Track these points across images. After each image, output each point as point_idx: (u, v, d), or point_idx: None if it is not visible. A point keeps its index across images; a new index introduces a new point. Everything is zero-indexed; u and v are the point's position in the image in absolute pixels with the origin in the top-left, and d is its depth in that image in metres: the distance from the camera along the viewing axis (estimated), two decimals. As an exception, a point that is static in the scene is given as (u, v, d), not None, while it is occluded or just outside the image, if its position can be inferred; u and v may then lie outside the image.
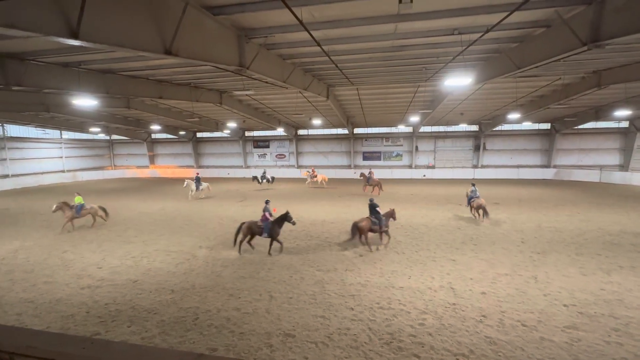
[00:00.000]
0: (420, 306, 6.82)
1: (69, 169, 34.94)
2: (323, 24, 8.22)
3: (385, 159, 33.88)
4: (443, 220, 14.40)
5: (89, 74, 12.19)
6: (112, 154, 40.64)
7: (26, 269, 9.38)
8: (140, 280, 8.43)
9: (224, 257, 10.06)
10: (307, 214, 15.87)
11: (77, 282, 8.37)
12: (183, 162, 38.55)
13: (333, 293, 7.50)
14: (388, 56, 11.79)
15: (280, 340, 5.75)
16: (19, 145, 30.65)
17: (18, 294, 7.82)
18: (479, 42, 8.76)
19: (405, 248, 10.59)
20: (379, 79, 15.82)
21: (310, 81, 14.81)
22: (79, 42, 3.83)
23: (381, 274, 8.56)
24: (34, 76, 10.41)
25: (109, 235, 12.75)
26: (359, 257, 9.79)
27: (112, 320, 6.52)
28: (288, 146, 35.55)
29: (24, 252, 10.96)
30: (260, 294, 7.52)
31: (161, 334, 6.00)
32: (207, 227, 13.83)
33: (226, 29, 7.81)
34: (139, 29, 4.86)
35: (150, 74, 13.63)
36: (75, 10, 3.60)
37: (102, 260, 9.92)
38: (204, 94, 17.76)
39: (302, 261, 9.56)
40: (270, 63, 10.62)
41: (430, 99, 21.20)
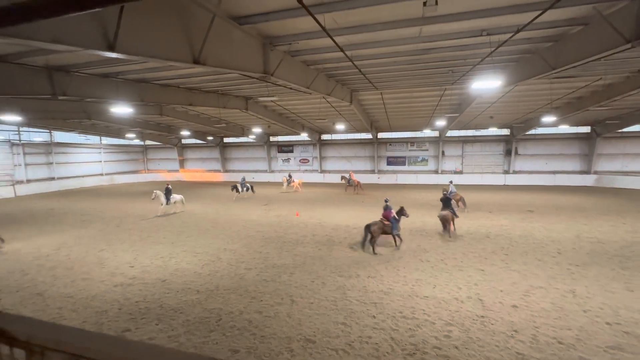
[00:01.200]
0: (445, 317, 6.56)
1: (107, 172, 37.22)
2: (346, 30, 8.25)
3: (410, 164, 33.19)
4: (471, 227, 13.84)
5: (126, 84, 13.02)
6: (145, 158, 42.85)
7: (67, 266, 10.04)
8: (168, 279, 8.77)
9: (247, 259, 10.24)
10: (330, 219, 15.83)
11: (111, 280, 8.85)
12: (210, 166, 39.87)
13: (355, 300, 7.40)
14: (413, 60, 11.61)
15: (301, 345, 5.74)
16: (63, 150, 33.11)
17: (59, 289, 8.38)
18: (509, 42, 8.42)
19: (430, 256, 10.26)
20: (403, 83, 15.59)
21: (334, 86, 14.88)
22: (116, 55, 4.14)
23: (405, 282, 8.34)
24: (77, 86, 11.28)
25: (140, 236, 13.40)
26: (382, 264, 9.61)
27: (141, 318, 6.81)
28: (312, 151, 35.80)
29: (66, 249, 11.76)
30: (282, 298, 7.57)
31: (186, 333, 6.19)
32: (232, 229, 14.17)
33: (251, 38, 8.06)
34: (170, 41, 5.16)
35: (181, 82, 14.31)
36: (113, 25, 3.92)
37: (134, 260, 10.42)
38: (231, 100, 18.34)
39: (324, 266, 9.53)
40: (294, 69, 10.79)
41: (457, 102, 20.58)
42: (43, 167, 31.21)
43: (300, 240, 12.31)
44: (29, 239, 13.26)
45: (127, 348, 0.97)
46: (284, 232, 13.60)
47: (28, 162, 29.84)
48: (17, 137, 29.17)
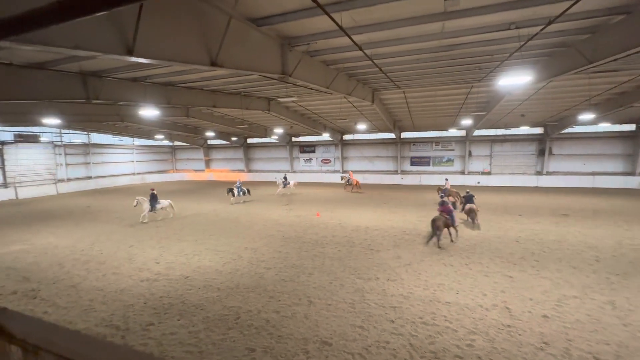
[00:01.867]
0: (468, 325, 6.27)
1: (138, 172, 39.13)
2: (365, 28, 8.10)
3: (434, 164, 32.25)
4: (499, 231, 13.19)
5: (153, 87, 13.61)
6: (174, 158, 44.63)
7: (99, 260, 10.62)
8: (191, 276, 9.02)
9: (267, 259, 10.34)
10: (351, 220, 15.69)
11: (138, 275, 9.24)
12: (235, 166, 40.83)
13: (373, 303, 7.26)
14: (436, 57, 11.23)
15: (317, 347, 5.69)
16: (99, 151, 35.19)
17: (91, 282, 8.86)
18: (540, 35, 7.91)
19: (454, 260, 9.88)
20: (427, 81, 15.15)
21: (355, 86, 14.72)
22: (134, 59, 4.32)
23: (426, 286, 8.07)
24: (109, 90, 11.95)
25: (166, 233, 13.92)
26: (402, 267, 9.37)
27: (164, 313, 7.05)
28: (333, 151, 35.72)
29: (99, 245, 12.44)
30: (300, 299, 7.56)
31: (206, 330, 6.32)
32: (253, 229, 14.39)
33: (269, 39, 8.13)
34: (187, 44, 5.31)
35: (205, 84, 14.74)
36: (131, 30, 4.10)
37: (160, 256, 10.84)
38: (254, 101, 18.66)
39: (342, 268, 9.43)
40: (313, 69, 10.78)
41: (485, 100, 19.73)
42: (81, 166, 33.34)
43: (319, 240, 12.28)
44: (67, 234, 14.17)
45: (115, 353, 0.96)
46: (303, 232, 13.63)
47: (68, 162, 31.99)
48: (59, 139, 31.35)
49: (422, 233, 13.00)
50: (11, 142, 27.68)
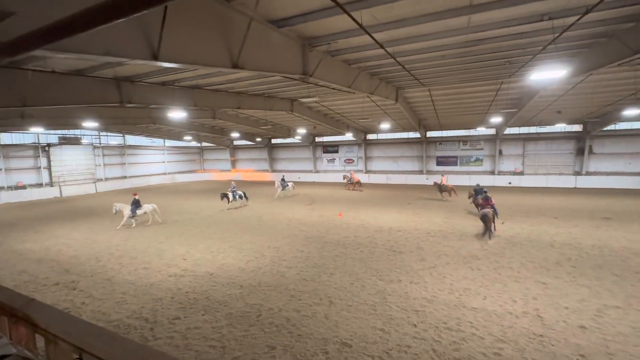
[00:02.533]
0: (496, 332, 5.98)
1: (169, 171, 40.95)
2: (387, 25, 7.96)
3: (462, 164, 31.12)
4: (531, 234, 12.49)
5: (181, 90, 14.19)
6: (202, 159, 46.28)
7: (132, 255, 11.21)
8: (216, 273, 9.30)
9: (289, 258, 10.44)
10: (374, 221, 15.50)
11: (166, 270, 9.66)
12: (259, 166, 41.64)
13: (395, 306, 7.12)
14: (462, 52, 10.82)
15: (337, 348, 5.67)
16: (133, 152, 37.20)
17: (124, 276, 9.37)
18: (577, 26, 7.38)
19: (481, 264, 9.48)
20: (453, 78, 14.65)
21: (377, 85, 14.52)
22: (160, 63, 4.54)
23: (451, 290, 7.80)
24: (141, 94, 12.62)
25: (194, 231, 14.45)
26: (425, 270, 9.11)
27: (190, 307, 7.31)
28: (357, 151, 35.46)
29: (132, 241, 13.14)
30: (320, 298, 7.57)
31: (228, 326, 6.49)
32: (276, 228, 14.59)
33: (289, 40, 8.20)
34: (209, 47, 5.48)
35: (230, 87, 15.15)
36: (156, 36, 4.30)
37: (187, 253, 11.26)
38: (277, 102, 18.93)
39: (364, 269, 9.34)
40: (334, 69, 10.75)
41: (516, 96, 18.76)
42: (117, 167, 35.42)
43: (341, 241, 12.24)
44: (104, 230, 15.08)
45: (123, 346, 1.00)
46: (326, 232, 13.64)
47: (106, 162, 34.10)
48: (98, 141, 33.48)
49: (447, 235, 12.59)
50: (56, 144, 29.95)
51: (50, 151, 29.54)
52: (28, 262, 10.86)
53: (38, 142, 28.93)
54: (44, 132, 28.02)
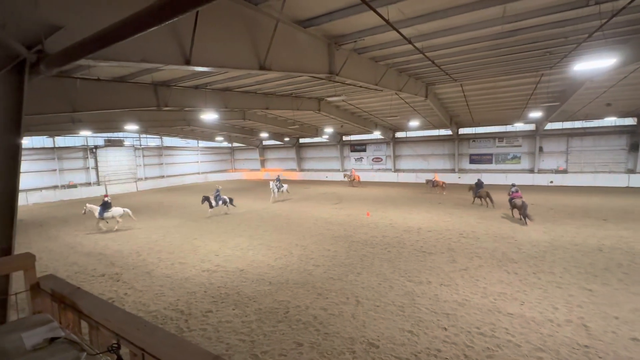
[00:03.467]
0: (535, 340, 5.63)
1: (202, 171, 42.79)
2: (415, 20, 7.73)
3: (497, 162, 29.53)
4: (576, 237, 11.60)
5: (213, 93, 14.78)
6: (232, 158, 47.85)
7: (169, 250, 11.85)
8: (246, 270, 9.59)
9: (316, 256, 10.52)
10: (402, 221, 15.18)
11: (200, 265, 10.11)
12: (287, 165, 42.26)
13: (424, 308, 6.93)
14: (497, 44, 10.25)
15: (364, 348, 5.63)
16: (170, 152, 39.29)
17: (162, 270, 9.93)
18: (628, 10, 6.71)
19: (518, 267, 8.96)
20: (487, 71, 13.93)
21: (406, 81, 14.17)
22: (191, 67, 4.77)
23: (484, 294, 7.46)
24: (176, 98, 13.32)
25: (225, 228, 14.98)
26: (457, 272, 8.78)
27: (221, 302, 7.60)
28: (385, 149, 34.87)
29: (169, 236, 13.89)
30: (347, 298, 7.55)
31: (257, 321, 6.67)
32: (303, 226, 14.74)
33: (315, 39, 8.23)
34: (237, 50, 5.66)
35: (258, 88, 15.53)
36: (188, 41, 4.54)
37: (219, 249, 11.71)
38: (304, 102, 19.11)
39: (392, 269, 9.18)
40: (360, 67, 10.64)
41: (559, 89, 17.48)
42: (156, 167, 37.60)
43: (369, 240, 12.11)
44: (144, 226, 16.06)
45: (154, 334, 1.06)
46: (353, 231, 13.57)
47: (145, 163, 36.31)
48: (139, 142, 35.74)
49: (480, 237, 12.04)
50: (102, 146, 32.37)
51: (97, 153, 32.02)
52: (79, 254, 11.85)
53: (87, 145, 31.45)
54: (91, 135, 30.39)
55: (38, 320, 1.54)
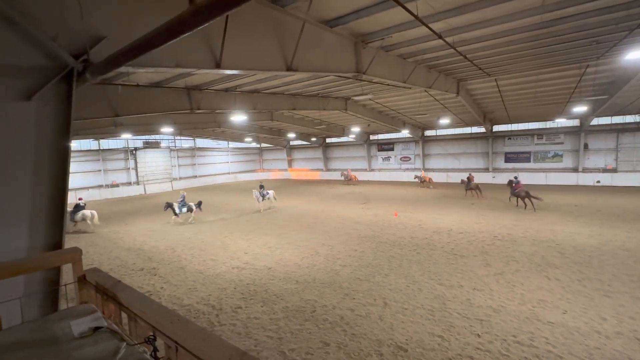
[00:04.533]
0: (579, 352, 5.23)
1: (232, 171, 44.18)
2: (445, 13, 7.44)
3: (536, 160, 27.75)
4: (628, 242, 10.63)
5: (242, 95, 15.21)
6: (261, 159, 48.94)
7: (201, 247, 12.35)
8: (273, 268, 9.76)
9: (343, 256, 10.48)
10: (432, 222, 14.72)
11: (230, 262, 10.43)
12: (314, 165, 42.50)
13: (455, 313, 6.67)
14: (536, 35, 9.63)
15: (391, 351, 5.52)
16: (202, 153, 40.95)
17: (195, 265, 10.37)
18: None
19: (560, 273, 8.37)
20: (524, 64, 13.14)
21: (436, 77, 13.72)
22: (221, 71, 4.95)
23: (522, 301, 7.04)
24: (208, 101, 13.87)
25: (253, 227, 15.35)
26: (491, 276, 8.36)
27: (250, 298, 7.80)
28: (414, 148, 34.00)
29: (201, 234, 14.47)
30: (375, 299, 7.45)
31: (285, 318, 6.76)
32: (330, 226, 14.75)
33: (342, 38, 8.19)
34: (265, 53, 5.78)
35: (285, 89, 15.75)
36: (218, 45, 4.72)
37: (248, 247, 12.02)
38: (331, 102, 19.11)
39: (421, 271, 8.93)
40: (388, 65, 10.44)
41: (607, 80, 16.09)
42: (189, 167, 39.37)
43: (397, 241, 11.88)
44: (180, 225, 16.85)
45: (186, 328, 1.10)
46: (380, 231, 13.37)
47: (180, 163, 38.13)
48: (174, 144, 37.60)
49: (517, 240, 11.39)
50: (141, 148, 34.42)
51: (136, 154, 34.10)
52: (120, 249, 12.68)
53: (127, 147, 33.58)
54: (131, 138, 32.42)
55: (84, 310, 1.67)
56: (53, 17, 3.22)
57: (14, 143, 3.24)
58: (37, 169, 3.36)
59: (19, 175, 3.28)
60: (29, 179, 3.31)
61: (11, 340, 1.48)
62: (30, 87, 3.26)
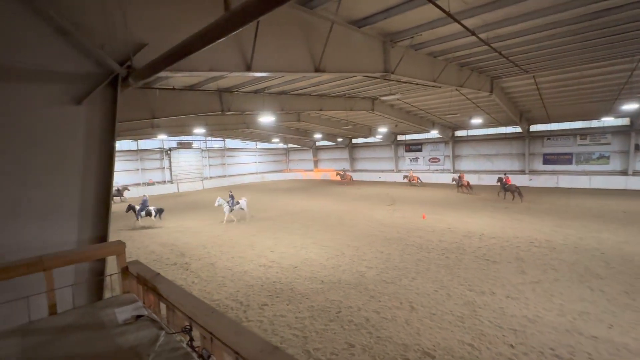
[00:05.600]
0: (626, 371, 4.83)
1: (259, 171, 45.18)
2: (479, 9, 7.13)
3: (579, 162, 25.85)
4: (686, 253, 9.64)
5: (270, 97, 15.54)
6: (287, 159, 49.63)
7: (230, 245, 12.74)
8: (299, 267, 9.87)
9: (369, 258, 10.38)
10: (462, 225, 14.19)
11: (257, 260, 10.68)
12: (340, 166, 42.40)
13: (487, 321, 6.39)
14: (579, 29, 8.98)
15: (418, 357, 5.40)
16: (231, 154, 42.25)
17: (224, 262, 10.73)
18: None
19: (606, 285, 7.75)
20: (567, 60, 12.30)
21: (468, 76, 13.21)
22: (252, 74, 5.10)
23: (561, 312, 6.61)
24: (238, 103, 14.33)
25: (280, 226, 15.60)
26: (527, 284, 7.92)
27: (276, 296, 7.94)
28: (443, 149, 32.92)
29: (229, 232, 14.92)
30: (401, 303, 7.32)
31: (310, 318, 6.82)
32: (356, 227, 14.66)
33: (370, 38, 8.11)
34: (294, 55, 5.87)
35: (312, 90, 15.87)
36: (249, 49, 4.88)
37: (274, 246, 12.24)
38: (358, 102, 19.00)
39: (450, 276, 8.64)
40: (417, 63, 10.21)
41: (663, 74, 14.66)
42: (219, 167, 40.77)
43: (424, 244, 11.57)
44: (208, 221, 17.51)
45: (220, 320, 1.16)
46: (407, 234, 13.09)
47: (210, 163, 39.60)
48: (205, 145, 39.12)
49: (557, 247, 10.70)
50: (175, 148, 36.14)
51: (170, 154, 35.87)
52: (156, 244, 13.40)
53: (162, 147, 35.40)
54: (166, 138, 34.13)
55: (127, 299, 1.80)
56: (101, 27, 3.50)
57: (67, 144, 3.56)
58: (85, 167, 3.66)
59: (70, 174, 3.60)
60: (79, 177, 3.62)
61: (66, 323, 1.64)
62: (81, 92, 3.56)
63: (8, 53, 3.02)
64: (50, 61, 3.33)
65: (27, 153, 3.32)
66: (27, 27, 3.05)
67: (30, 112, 3.29)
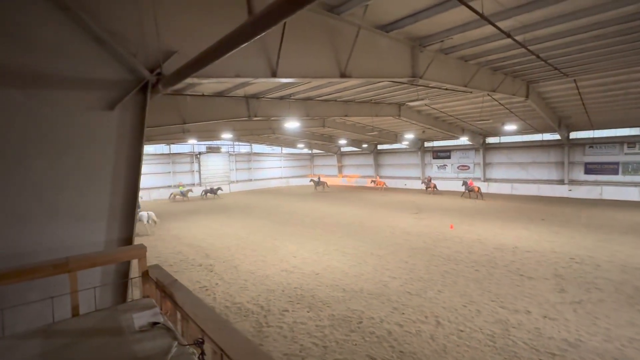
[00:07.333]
0: (688, 410, 4.25)
1: (284, 176, 45.74)
2: (515, 10, 6.75)
3: (626, 172, 23.81)
4: None
5: (296, 102, 15.69)
6: (312, 164, 49.88)
7: (252, 248, 12.88)
8: (321, 274, 9.75)
9: (392, 267, 10.07)
10: (494, 237, 13.45)
11: (279, 265, 10.69)
12: (365, 172, 41.98)
13: (521, 342, 5.93)
14: (627, 29, 8.28)
15: (444, 376, 5.09)
16: (257, 158, 43.14)
17: (246, 265, 10.83)
18: None
19: (659, 309, 6.97)
20: (612, 63, 11.39)
21: (501, 80, 12.60)
22: (277, 79, 5.13)
23: (607, 337, 6.00)
24: (264, 109, 14.60)
25: (302, 232, 15.58)
26: (566, 304, 7.30)
27: (297, 302, 7.86)
28: (473, 156, 31.63)
29: (253, 236, 15.11)
30: (426, 316, 6.98)
31: (330, 327, 6.67)
32: (379, 235, 14.33)
33: (397, 43, 7.93)
34: (319, 60, 5.85)
35: (338, 96, 15.83)
36: (275, 55, 4.92)
37: (297, 251, 12.21)
38: (384, 108, 18.72)
39: (480, 291, 8.16)
40: (447, 68, 9.86)
41: None
42: (245, 171, 41.75)
43: (452, 256, 11.06)
44: (234, 225, 17.86)
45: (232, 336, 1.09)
46: (433, 244, 12.60)
47: (237, 167, 40.65)
48: (232, 149, 40.26)
49: (602, 264, 9.83)
50: (204, 152, 37.50)
51: (200, 158, 37.24)
52: (182, 245, 13.82)
53: (193, 151, 36.83)
54: (196, 143, 35.49)
55: (146, 304, 1.79)
56: (134, 36, 3.66)
57: (99, 148, 3.73)
58: (115, 170, 3.82)
59: (101, 176, 3.77)
60: (109, 180, 3.78)
61: (86, 326, 1.65)
62: (114, 99, 3.73)
63: (50, 61, 3.22)
64: (88, 69, 3.51)
65: (63, 157, 3.51)
66: (68, 36, 3.24)
67: (68, 117, 3.48)
